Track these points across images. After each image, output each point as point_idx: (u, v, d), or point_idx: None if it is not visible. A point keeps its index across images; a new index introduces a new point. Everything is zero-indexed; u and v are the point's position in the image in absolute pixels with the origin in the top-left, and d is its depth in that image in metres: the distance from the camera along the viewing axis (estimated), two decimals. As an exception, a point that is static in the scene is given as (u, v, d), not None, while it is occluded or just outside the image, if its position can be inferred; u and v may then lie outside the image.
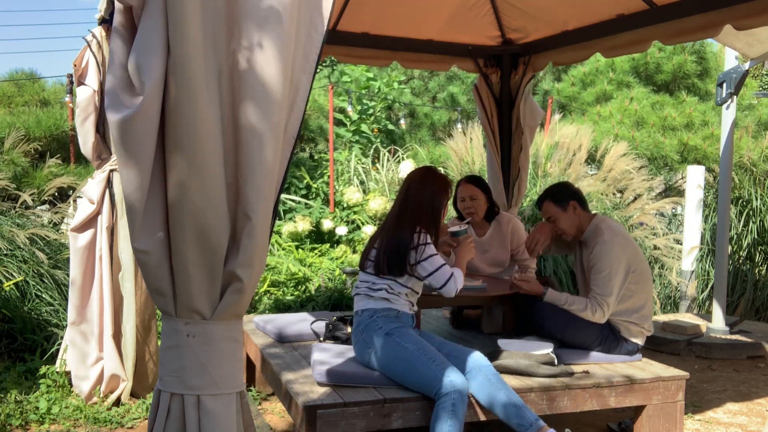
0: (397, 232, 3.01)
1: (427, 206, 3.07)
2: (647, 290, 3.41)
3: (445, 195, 3.14)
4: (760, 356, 4.96)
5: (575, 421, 3.59)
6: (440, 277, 2.98)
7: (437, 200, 3.10)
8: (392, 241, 3.00)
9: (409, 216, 3.05)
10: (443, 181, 3.16)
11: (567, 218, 3.48)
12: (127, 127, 1.70)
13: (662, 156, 9.09)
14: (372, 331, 2.93)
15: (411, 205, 3.08)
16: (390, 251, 2.98)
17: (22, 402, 3.57)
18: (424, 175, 3.17)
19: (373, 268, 3.02)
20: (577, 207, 3.47)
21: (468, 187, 4.07)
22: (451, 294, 3.02)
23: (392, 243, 2.99)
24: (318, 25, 1.86)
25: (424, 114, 13.13)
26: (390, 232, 3.04)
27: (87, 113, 3.59)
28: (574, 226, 3.50)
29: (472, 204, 4.03)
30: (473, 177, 4.15)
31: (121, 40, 1.76)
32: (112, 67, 1.75)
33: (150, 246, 1.78)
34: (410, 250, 2.96)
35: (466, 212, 4.05)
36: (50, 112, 8.90)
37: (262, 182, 1.77)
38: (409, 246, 2.97)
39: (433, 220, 3.09)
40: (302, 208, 7.66)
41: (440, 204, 3.12)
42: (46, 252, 4.81)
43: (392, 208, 3.17)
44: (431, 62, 5.03)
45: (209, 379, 1.83)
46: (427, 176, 3.16)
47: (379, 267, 2.99)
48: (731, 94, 5.12)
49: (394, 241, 2.99)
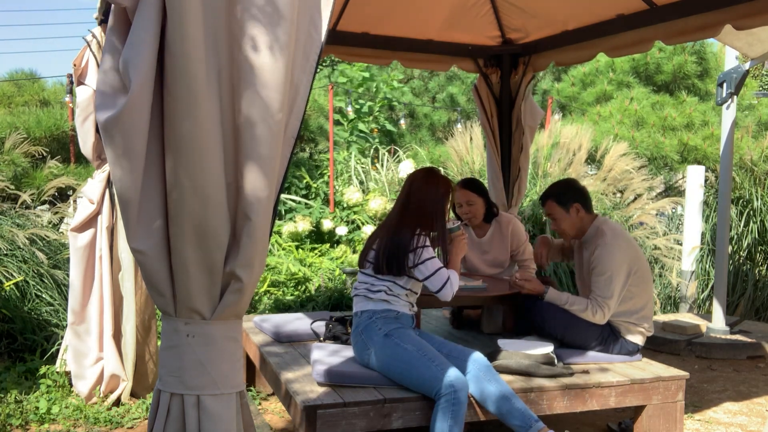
0: (397, 233, 3.00)
1: (429, 208, 3.06)
2: (648, 291, 3.41)
3: (447, 198, 3.12)
4: (760, 356, 4.96)
5: (575, 421, 3.59)
6: (436, 281, 2.96)
7: (440, 203, 3.09)
8: (392, 242, 2.98)
9: (411, 217, 3.04)
10: (446, 183, 3.14)
11: (569, 220, 3.47)
12: (114, 125, 1.69)
13: (662, 156, 9.09)
14: (371, 332, 2.93)
15: (413, 207, 3.06)
16: (389, 252, 2.97)
17: (22, 402, 3.57)
18: (426, 176, 3.15)
19: (372, 269, 3.01)
20: (580, 209, 3.45)
21: (464, 192, 4.02)
22: (447, 298, 3.01)
23: (391, 244, 2.98)
24: (318, 25, 1.86)
25: (423, 114, 13.12)
26: (390, 232, 3.03)
27: (87, 113, 3.60)
28: (574, 228, 3.49)
29: (469, 209, 4.02)
30: (468, 181, 4.09)
31: (115, 40, 1.76)
32: (103, 67, 1.75)
33: (147, 246, 1.78)
34: (409, 253, 2.95)
35: (464, 218, 4.05)
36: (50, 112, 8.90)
37: (262, 182, 1.77)
38: (408, 248, 2.95)
39: (435, 223, 3.08)
40: (302, 208, 7.66)
41: (443, 206, 3.10)
42: (46, 252, 4.81)
43: (393, 208, 3.15)
44: (431, 62, 5.02)
45: (209, 379, 1.83)
46: (429, 178, 3.14)
47: (378, 268, 2.98)
48: (731, 94, 5.12)
49: (394, 242, 2.97)
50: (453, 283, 3.00)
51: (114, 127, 1.70)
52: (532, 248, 4.27)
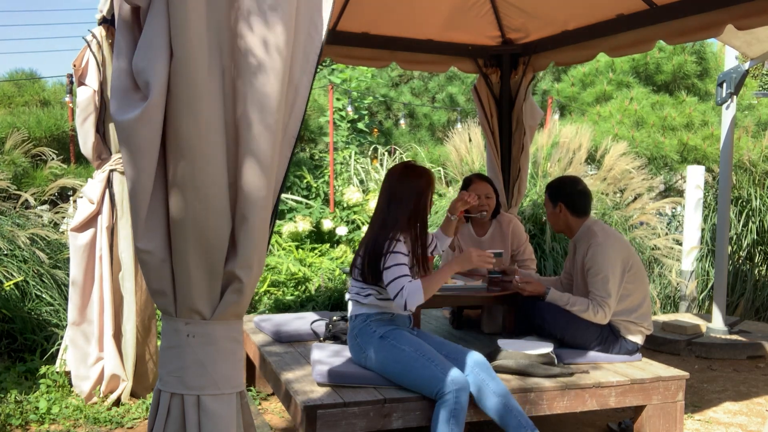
0: (375, 239, 2.89)
1: (412, 204, 2.91)
2: (644, 287, 3.42)
3: (429, 190, 2.97)
4: (760, 356, 4.96)
5: (575, 421, 3.59)
6: (392, 289, 2.79)
7: (423, 195, 2.94)
8: (370, 248, 2.89)
9: (392, 218, 2.90)
10: (427, 174, 2.98)
11: (552, 215, 3.57)
12: (133, 127, 1.70)
13: (662, 156, 9.10)
14: (366, 335, 2.90)
15: (394, 206, 2.92)
16: (369, 260, 2.89)
17: (22, 402, 3.57)
18: (405, 170, 2.98)
19: (359, 275, 2.95)
20: (563, 210, 3.50)
21: (483, 185, 4.08)
22: (400, 309, 2.82)
23: (371, 251, 2.89)
24: (318, 25, 1.86)
25: (423, 114, 13.12)
26: (371, 238, 2.93)
27: (87, 113, 3.59)
28: (558, 224, 3.57)
29: (486, 202, 4.06)
30: (484, 175, 4.19)
31: (126, 40, 1.76)
32: (116, 68, 1.75)
33: (152, 246, 1.78)
34: (381, 258, 2.85)
35: (481, 209, 4.06)
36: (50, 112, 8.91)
37: (261, 182, 1.77)
38: (381, 253, 2.84)
39: (420, 220, 2.94)
40: (302, 208, 7.66)
41: (426, 201, 2.96)
42: (46, 252, 4.81)
43: (375, 209, 3.02)
44: (430, 63, 5.01)
45: (209, 379, 1.83)
46: (408, 171, 2.97)
47: (364, 275, 2.92)
48: (731, 94, 5.12)
49: (373, 249, 2.88)
50: (407, 293, 2.76)
51: (132, 129, 1.70)
52: (532, 248, 4.28)
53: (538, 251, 5.84)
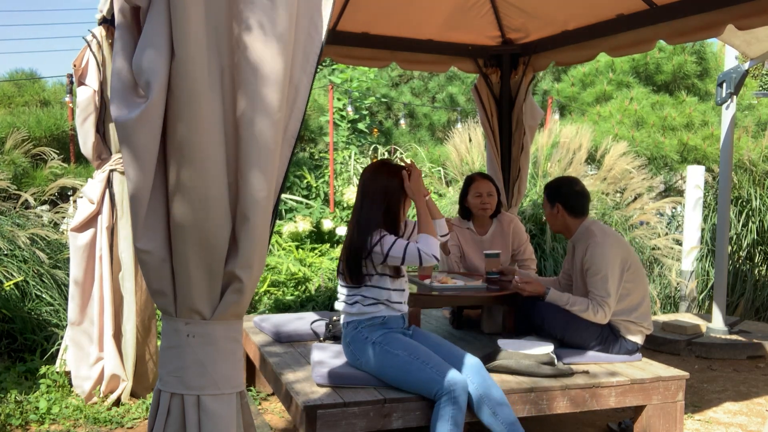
0: (353, 242, 2.86)
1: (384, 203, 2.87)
2: (643, 286, 3.42)
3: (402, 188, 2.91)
4: (760, 356, 4.96)
5: (575, 421, 3.59)
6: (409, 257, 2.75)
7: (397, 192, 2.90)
8: (349, 249, 2.87)
9: (365, 218, 2.85)
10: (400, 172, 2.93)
11: (550, 215, 3.59)
12: (133, 127, 1.70)
13: (662, 156, 9.10)
14: (359, 342, 2.87)
15: (366, 206, 2.87)
16: (348, 263, 2.86)
17: (22, 402, 3.57)
18: (378, 168, 2.93)
19: (342, 279, 2.92)
20: (561, 210, 3.51)
21: (486, 183, 4.11)
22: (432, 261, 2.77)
23: (350, 255, 2.86)
24: (318, 25, 1.86)
25: (423, 114, 13.13)
26: (348, 238, 2.90)
27: (87, 113, 3.59)
28: (555, 224, 3.58)
29: (489, 200, 4.07)
30: (486, 174, 4.20)
31: (126, 40, 1.76)
32: (116, 68, 1.75)
33: (152, 246, 1.78)
34: (363, 259, 2.82)
35: (482, 207, 4.06)
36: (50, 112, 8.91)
37: (261, 182, 1.77)
38: (362, 255, 2.81)
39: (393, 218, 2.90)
40: (303, 208, 7.66)
41: (398, 198, 2.91)
42: (46, 252, 4.81)
43: (352, 212, 2.98)
44: (430, 63, 5.02)
45: (209, 379, 1.83)
46: (382, 169, 2.92)
47: (345, 277, 2.89)
48: (731, 94, 5.12)
49: (350, 248, 2.86)
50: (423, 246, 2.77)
51: (132, 129, 1.71)
52: (532, 248, 4.29)
53: (538, 251, 5.85)
